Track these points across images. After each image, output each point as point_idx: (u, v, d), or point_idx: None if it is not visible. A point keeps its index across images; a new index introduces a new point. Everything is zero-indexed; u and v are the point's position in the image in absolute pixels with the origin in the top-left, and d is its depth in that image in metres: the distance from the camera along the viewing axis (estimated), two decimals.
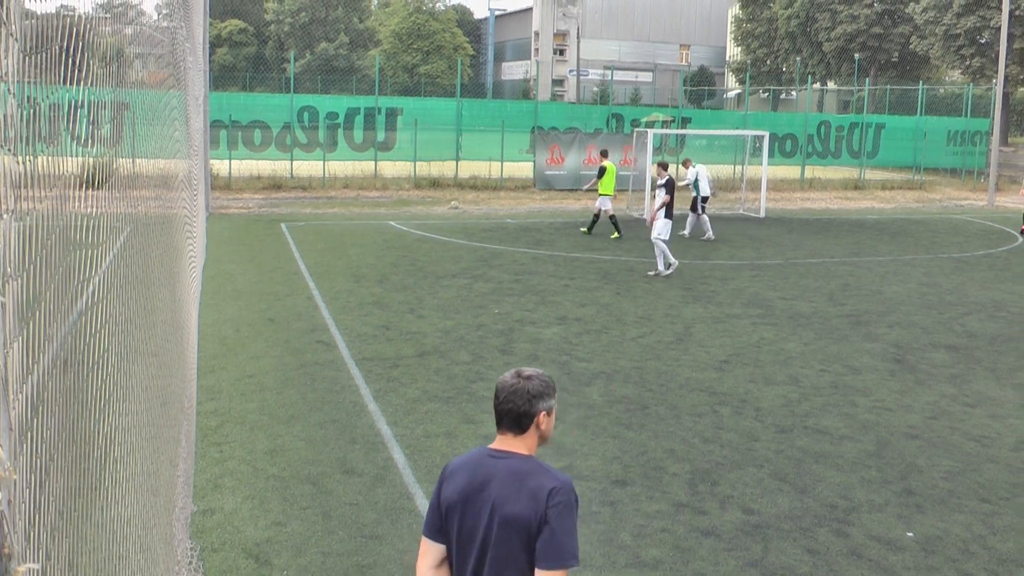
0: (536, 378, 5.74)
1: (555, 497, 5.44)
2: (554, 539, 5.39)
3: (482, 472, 5.66)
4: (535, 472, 5.57)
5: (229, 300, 22.38)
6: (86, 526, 4.60)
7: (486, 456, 5.74)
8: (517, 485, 5.53)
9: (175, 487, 8.80)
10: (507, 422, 5.71)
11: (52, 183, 3.79)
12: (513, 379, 5.73)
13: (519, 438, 5.72)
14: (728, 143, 55.12)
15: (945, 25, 76.41)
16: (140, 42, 8.63)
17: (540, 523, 5.42)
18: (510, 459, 5.66)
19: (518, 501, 5.48)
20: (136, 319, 6.35)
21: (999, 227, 42.80)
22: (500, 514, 5.50)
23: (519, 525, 5.45)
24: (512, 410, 5.68)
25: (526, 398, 5.67)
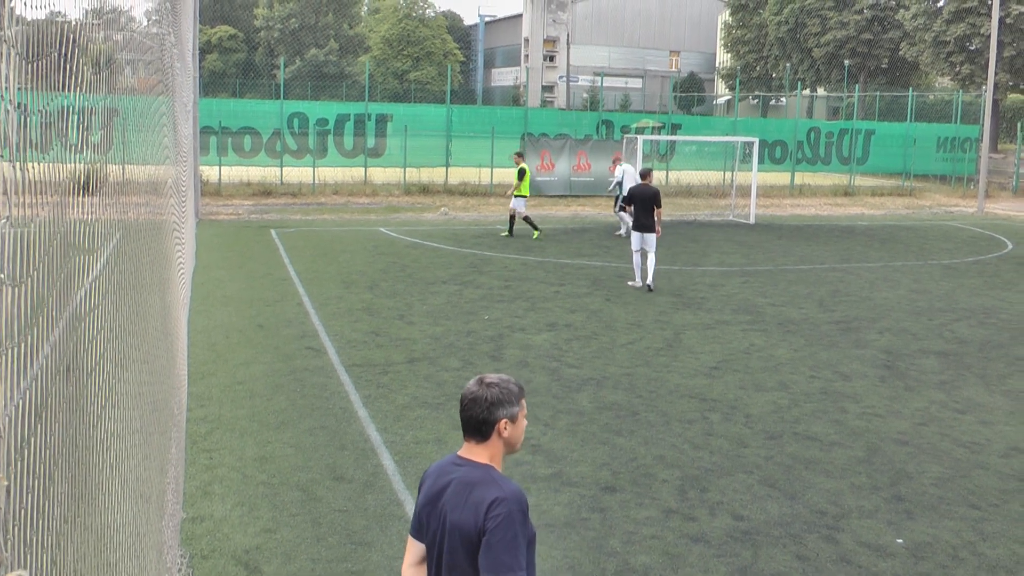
0: (498, 385, 5.74)
1: (495, 509, 5.43)
2: (491, 551, 5.38)
3: (443, 479, 5.72)
4: (483, 482, 5.57)
5: (219, 306, 22.37)
6: (87, 533, 4.61)
7: (449, 463, 5.80)
8: (465, 494, 5.56)
9: (165, 494, 8.79)
10: (469, 430, 5.74)
11: (49, 190, 3.79)
12: (475, 387, 5.74)
13: (481, 446, 5.73)
14: (718, 149, 55.15)
15: (935, 32, 76.52)
16: (130, 48, 8.63)
17: (479, 534, 5.43)
18: (466, 467, 5.69)
19: (463, 510, 5.51)
20: (128, 325, 6.35)
21: (989, 234, 42.88)
22: (449, 521, 5.56)
23: (463, 534, 5.49)
24: (472, 418, 5.70)
25: (485, 406, 5.68)
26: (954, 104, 67.89)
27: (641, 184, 27.12)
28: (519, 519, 5.46)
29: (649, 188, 26.66)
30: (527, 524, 5.53)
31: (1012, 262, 34.14)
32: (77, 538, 4.31)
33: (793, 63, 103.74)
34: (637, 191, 26.68)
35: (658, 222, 26.38)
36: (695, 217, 45.19)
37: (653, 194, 26.40)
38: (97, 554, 4.87)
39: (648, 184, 27.03)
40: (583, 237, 36.67)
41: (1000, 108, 79.62)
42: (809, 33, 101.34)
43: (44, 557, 3.67)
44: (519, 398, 5.79)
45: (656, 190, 26.72)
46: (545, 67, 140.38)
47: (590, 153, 51.20)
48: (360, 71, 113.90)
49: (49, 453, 3.73)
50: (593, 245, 34.58)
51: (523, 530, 5.46)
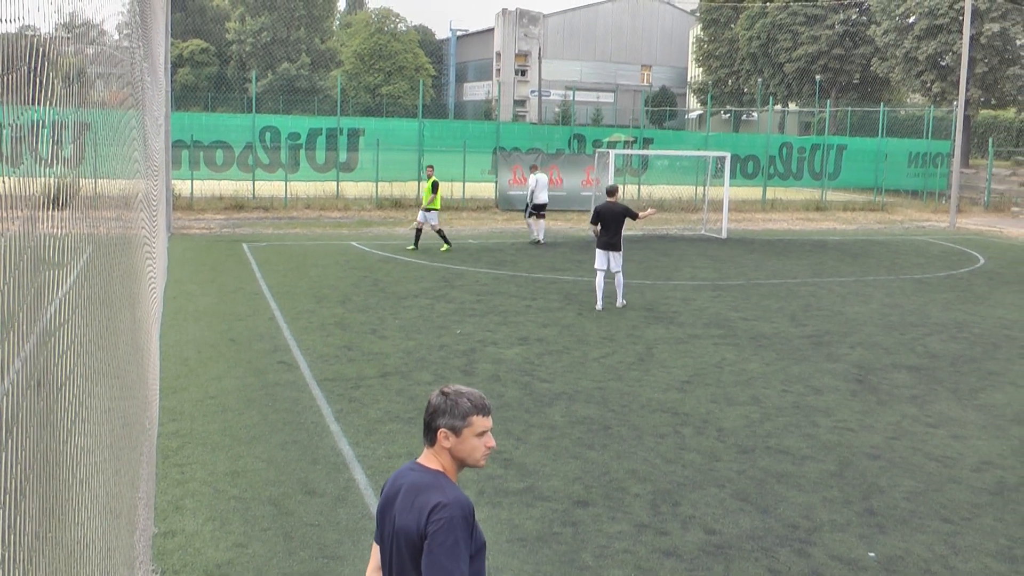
0: (449, 396, 5.78)
1: (436, 513, 5.48)
2: (431, 555, 5.43)
3: (396, 484, 5.81)
4: (430, 487, 5.62)
5: (191, 321, 22.32)
6: (58, 549, 4.59)
7: (405, 469, 5.88)
8: (412, 498, 5.63)
9: (136, 509, 8.76)
10: (424, 433, 5.84)
11: (20, 204, 3.78)
12: (436, 396, 5.82)
13: (431, 452, 5.80)
14: (690, 164, 55.25)
15: (906, 48, 76.77)
16: (101, 62, 8.61)
17: (420, 538, 5.50)
18: (418, 472, 5.77)
19: (409, 514, 5.58)
20: (98, 340, 6.32)
21: (960, 248, 43.05)
22: (396, 525, 5.65)
23: (407, 538, 5.57)
24: (424, 421, 5.82)
25: (430, 411, 5.78)
26: (925, 120, 68.20)
27: (608, 202, 26.10)
28: (460, 525, 5.48)
29: (616, 205, 25.90)
30: (472, 531, 5.57)
31: (984, 276, 34.26)
32: (48, 554, 4.29)
33: (765, 78, 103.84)
34: (604, 209, 25.81)
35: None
36: (667, 231, 45.27)
37: (621, 211, 25.69)
38: (68, 570, 4.85)
39: (615, 201, 26.13)
40: (555, 251, 36.72)
41: (971, 124, 79.91)
42: (780, 48, 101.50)
43: (15, 573, 3.65)
44: (468, 414, 5.75)
45: (624, 207, 25.98)
46: (517, 81, 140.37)
47: (561, 168, 51.26)
48: (332, 85, 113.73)
49: (20, 468, 3.71)
50: (565, 259, 34.61)
51: (464, 536, 5.48)
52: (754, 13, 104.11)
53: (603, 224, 25.65)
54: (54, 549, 4.43)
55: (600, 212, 25.81)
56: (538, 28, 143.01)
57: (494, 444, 5.89)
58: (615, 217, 25.57)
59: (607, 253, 25.64)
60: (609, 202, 26.00)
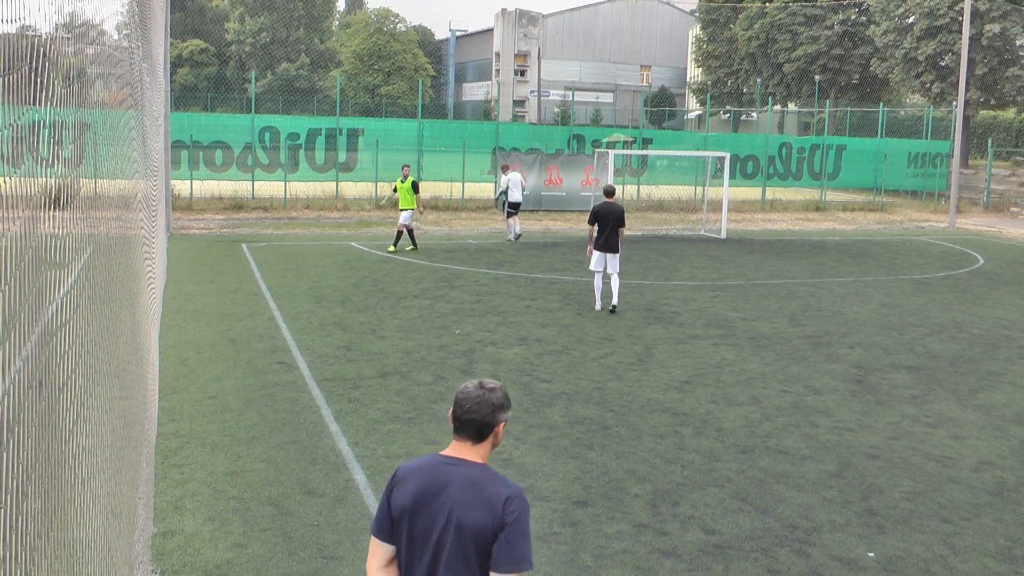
0: (498, 390, 5.98)
1: (511, 505, 5.68)
2: (510, 545, 5.62)
3: (438, 478, 5.85)
4: (491, 481, 5.79)
5: (190, 321, 22.31)
6: (60, 548, 4.59)
7: (441, 463, 5.92)
8: (475, 493, 5.73)
9: (136, 509, 8.75)
10: (469, 431, 5.91)
11: (20, 204, 3.78)
12: (477, 390, 5.93)
13: (475, 447, 5.93)
14: (689, 164, 55.27)
15: (905, 49, 76.71)
16: (101, 62, 8.60)
17: (496, 530, 5.64)
18: (466, 467, 5.86)
19: (476, 509, 5.69)
20: (98, 340, 6.33)
21: (960, 249, 43.05)
22: (456, 520, 5.70)
23: (476, 531, 5.67)
24: (476, 420, 5.87)
25: (490, 409, 5.89)
26: (925, 120, 68.18)
27: (606, 202, 25.44)
28: (528, 515, 5.76)
29: (615, 206, 25.26)
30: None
31: (983, 277, 34.26)
32: (51, 553, 4.29)
33: (764, 78, 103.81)
34: (602, 209, 25.17)
35: (620, 240, 25.22)
36: (666, 231, 45.27)
37: (619, 213, 25.08)
38: (70, 570, 4.85)
39: (613, 202, 25.49)
40: (555, 252, 36.71)
41: (971, 124, 79.89)
42: (780, 48, 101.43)
43: (18, 573, 3.65)
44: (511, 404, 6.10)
45: (622, 209, 25.37)
46: (516, 82, 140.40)
47: (561, 168, 51.25)
48: (331, 85, 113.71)
49: (22, 468, 3.71)
50: (564, 260, 34.59)
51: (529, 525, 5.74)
52: (753, 13, 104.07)
53: (600, 225, 25.15)
54: (56, 549, 4.44)
55: (598, 213, 25.26)
56: (537, 28, 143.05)
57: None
58: (613, 218, 25.00)
59: (604, 255, 25.22)
60: (607, 203, 25.40)
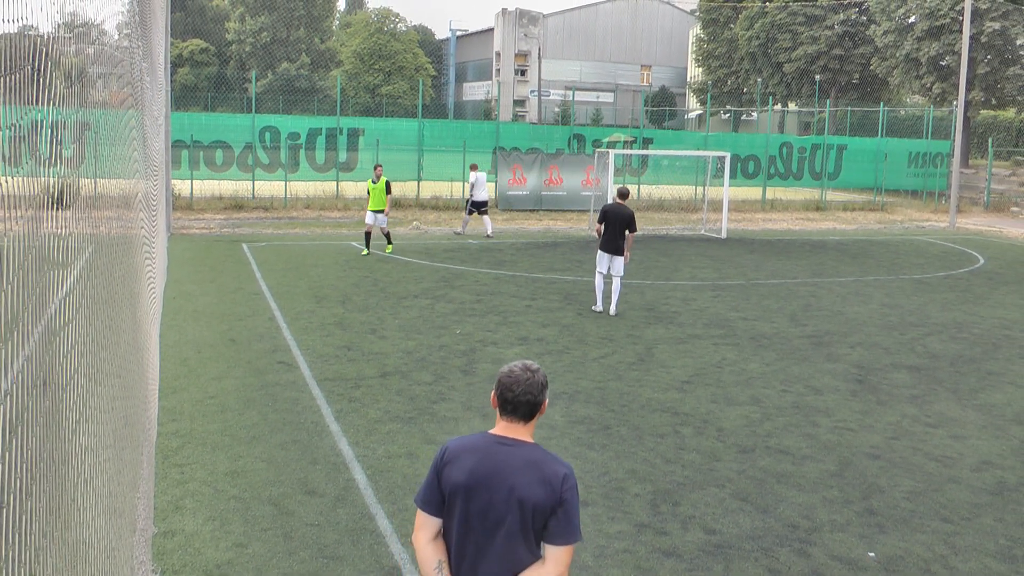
0: (540, 371, 6.30)
1: (568, 482, 6.09)
2: (567, 519, 6.04)
3: (494, 458, 6.16)
4: (548, 461, 6.17)
5: (190, 321, 22.30)
6: (63, 548, 4.59)
7: (494, 443, 6.23)
8: (535, 472, 6.07)
9: (136, 509, 8.75)
10: (521, 411, 6.21)
11: (23, 204, 3.78)
12: (525, 372, 6.23)
13: (526, 426, 6.26)
14: (690, 164, 55.29)
15: (906, 49, 76.70)
16: (101, 62, 8.60)
17: (555, 505, 6.02)
18: (522, 447, 6.20)
19: (538, 487, 6.03)
20: (100, 340, 6.33)
21: (960, 248, 43.06)
22: (518, 497, 6.03)
23: (536, 507, 6.01)
24: (529, 400, 6.18)
25: (539, 388, 6.22)
26: (925, 120, 68.17)
27: (616, 203, 24.84)
28: (578, 491, 6.18)
29: (624, 209, 24.58)
30: None
31: (983, 277, 34.26)
32: (55, 553, 4.30)
33: (764, 78, 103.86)
34: (611, 210, 24.59)
35: (628, 247, 24.62)
36: (667, 231, 45.27)
37: (627, 216, 24.48)
38: (72, 569, 4.85)
39: (624, 204, 24.80)
40: (555, 251, 36.70)
41: (971, 124, 79.90)
42: (780, 48, 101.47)
43: (23, 572, 3.65)
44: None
45: (631, 212, 24.69)
46: (517, 81, 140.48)
47: (561, 167, 51.27)
48: (332, 85, 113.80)
49: (27, 468, 3.71)
50: (565, 259, 34.59)
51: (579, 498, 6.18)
52: (754, 13, 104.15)
53: (607, 225, 24.64)
54: (60, 548, 4.44)
55: (607, 213, 24.73)
56: (538, 28, 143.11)
57: None
58: (621, 220, 24.50)
59: (609, 256, 24.73)
60: (618, 204, 24.87)
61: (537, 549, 6.12)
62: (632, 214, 24.74)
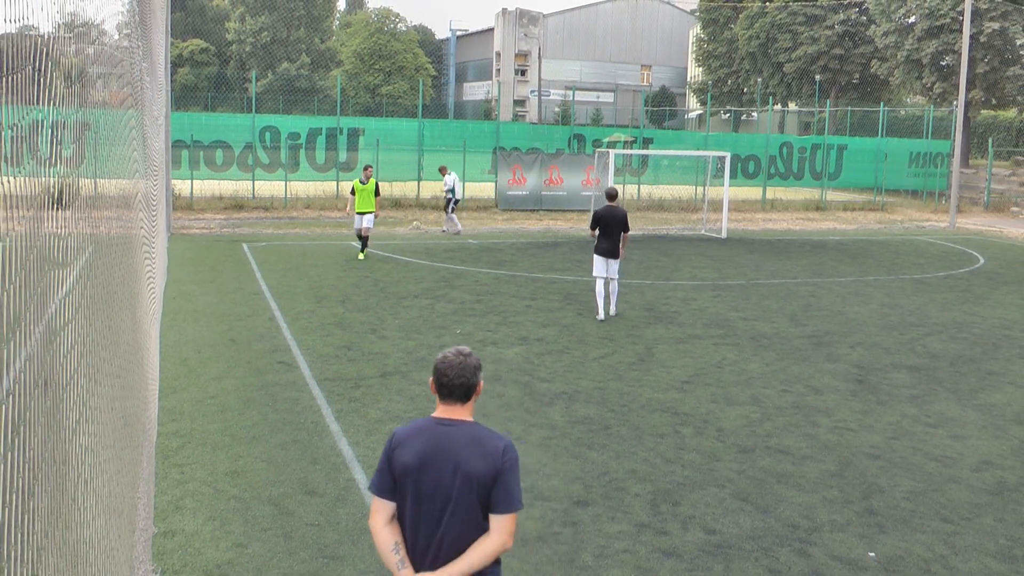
0: (473, 355, 6.80)
1: (507, 454, 6.61)
2: (507, 489, 6.55)
3: (438, 439, 6.68)
4: (488, 436, 6.69)
5: (190, 321, 22.31)
6: (64, 548, 4.59)
7: (437, 425, 6.76)
8: (477, 448, 6.59)
9: (136, 509, 8.76)
10: (458, 394, 6.72)
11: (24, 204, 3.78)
12: (458, 357, 6.73)
13: (464, 407, 6.78)
14: (690, 164, 55.26)
15: (907, 50, 76.68)
16: (101, 62, 8.60)
17: (496, 476, 6.53)
18: (463, 426, 6.71)
19: (480, 460, 6.54)
20: (100, 339, 6.33)
21: (960, 248, 43.06)
22: (463, 472, 6.53)
23: (480, 481, 6.52)
24: (464, 383, 6.70)
25: (472, 371, 6.72)
26: (925, 120, 68.18)
27: (608, 205, 24.38)
28: (518, 462, 6.70)
29: (617, 210, 24.21)
30: None
31: (983, 276, 34.26)
32: (56, 553, 4.30)
33: (764, 78, 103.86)
34: (604, 213, 24.13)
35: (623, 245, 24.17)
36: (667, 231, 45.28)
37: (621, 217, 24.04)
38: (73, 569, 4.85)
39: (615, 206, 24.39)
40: (555, 251, 36.71)
41: (971, 124, 79.89)
42: (780, 48, 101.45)
43: (25, 572, 3.65)
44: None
45: (624, 213, 24.31)
46: (517, 81, 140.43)
47: (562, 167, 51.27)
48: (332, 85, 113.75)
49: (28, 468, 3.71)
50: (565, 259, 34.59)
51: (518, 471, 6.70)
52: (754, 13, 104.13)
53: (602, 229, 24.13)
54: (61, 548, 4.44)
55: (600, 216, 24.23)
56: (538, 28, 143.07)
57: None
58: (616, 222, 24.01)
59: (606, 260, 24.23)
60: (609, 206, 24.35)
61: (485, 522, 6.58)
62: (625, 214, 24.37)
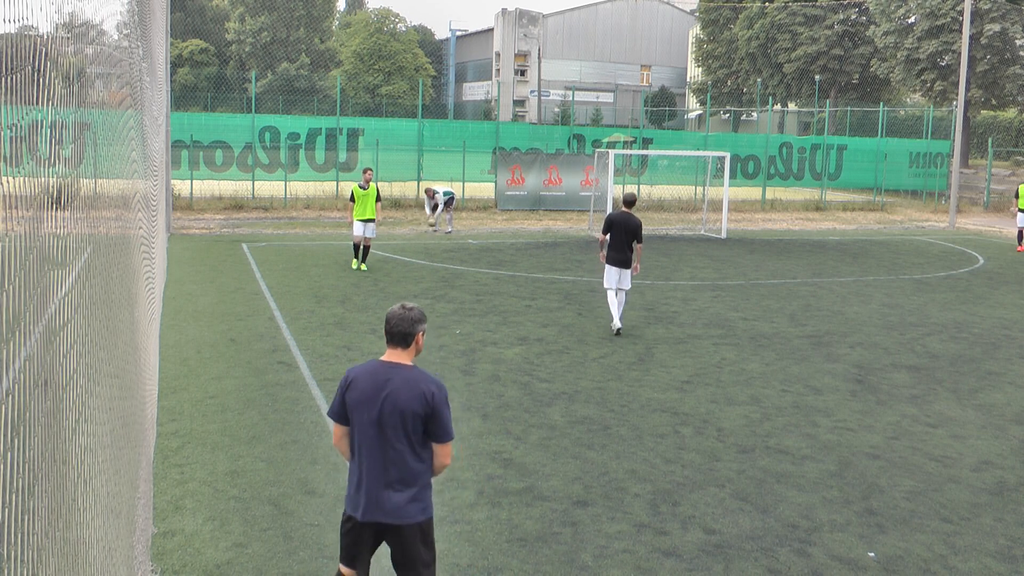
0: (416, 309, 8.40)
1: (437, 396, 8.12)
2: (440, 424, 8.16)
3: (380, 378, 8.21)
4: (422, 379, 8.20)
5: (190, 321, 22.30)
6: (65, 547, 4.59)
7: (382, 367, 8.28)
8: (413, 389, 8.11)
9: (135, 509, 8.75)
10: (397, 340, 8.30)
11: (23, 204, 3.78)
12: (401, 310, 8.33)
13: (405, 352, 8.35)
14: (690, 164, 55.23)
15: (907, 50, 76.72)
16: (100, 61, 8.60)
17: (429, 414, 8.09)
18: (403, 369, 8.25)
19: (414, 400, 8.07)
20: (99, 340, 6.33)
21: (960, 248, 43.05)
22: (400, 409, 8.07)
23: (413, 415, 8.08)
24: (404, 331, 8.28)
25: (411, 322, 8.30)
26: (925, 120, 68.16)
27: (622, 212, 22.79)
28: (447, 400, 8.22)
29: (631, 218, 22.51)
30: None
31: (983, 277, 34.26)
32: (57, 553, 4.29)
33: (764, 78, 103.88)
34: (618, 219, 22.55)
35: (637, 258, 22.54)
36: (667, 231, 45.26)
37: (635, 226, 22.41)
38: (73, 569, 4.85)
39: (630, 213, 22.69)
40: (554, 251, 36.69)
41: (971, 124, 79.91)
42: (780, 48, 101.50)
43: (25, 572, 3.65)
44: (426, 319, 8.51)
45: (639, 222, 22.60)
46: (516, 81, 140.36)
47: (561, 168, 51.23)
48: (332, 85, 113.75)
49: (28, 468, 3.71)
50: (564, 259, 34.58)
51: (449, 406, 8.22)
52: (753, 13, 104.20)
53: (613, 236, 22.66)
54: (61, 548, 4.44)
55: (613, 222, 22.67)
56: (538, 28, 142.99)
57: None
58: (629, 231, 22.47)
59: (618, 270, 22.64)
60: (624, 212, 22.77)
61: (420, 449, 8.17)
62: (640, 224, 22.73)
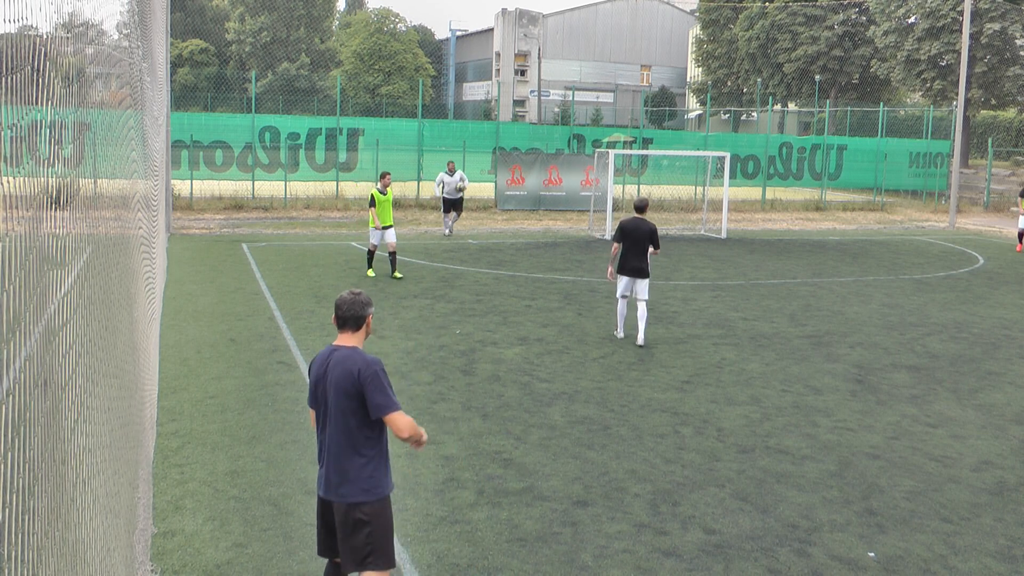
0: (363, 294, 8.97)
1: (363, 372, 8.55)
2: (372, 399, 8.53)
3: (326, 360, 8.83)
4: (354, 358, 8.66)
5: (190, 321, 22.29)
6: (64, 547, 4.59)
7: (331, 351, 8.87)
8: (345, 367, 8.63)
9: (135, 509, 8.76)
10: (350, 323, 8.87)
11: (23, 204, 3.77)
12: (351, 295, 8.92)
13: (354, 335, 8.91)
14: (690, 164, 55.18)
15: (907, 50, 76.72)
16: (100, 62, 8.61)
17: (360, 389, 8.55)
18: (343, 350, 8.79)
19: (344, 378, 8.60)
20: (98, 340, 6.33)
21: (960, 248, 43.03)
22: (335, 386, 8.65)
23: (346, 392, 8.59)
24: (354, 314, 8.86)
25: (360, 306, 8.89)
26: (925, 120, 68.15)
27: (635, 217, 21.87)
28: (380, 373, 8.63)
29: (645, 224, 21.60)
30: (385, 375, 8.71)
31: (983, 277, 34.24)
32: (56, 553, 4.29)
33: (764, 78, 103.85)
34: (630, 226, 21.60)
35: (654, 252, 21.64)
36: (667, 231, 45.23)
37: (649, 231, 21.52)
38: (72, 569, 4.85)
39: (643, 219, 21.78)
40: (554, 251, 36.67)
41: (971, 124, 79.90)
42: (780, 48, 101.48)
43: (25, 572, 3.65)
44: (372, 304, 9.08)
45: (653, 227, 21.68)
46: (516, 81, 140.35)
47: (561, 167, 51.21)
48: (332, 85, 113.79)
49: (28, 468, 3.71)
50: (564, 259, 34.57)
51: (386, 379, 8.65)
52: (753, 14, 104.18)
53: (626, 244, 21.75)
54: (61, 548, 4.44)
55: (625, 229, 21.70)
56: (538, 28, 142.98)
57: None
58: (643, 237, 21.59)
59: (633, 280, 21.80)
60: (637, 218, 21.84)
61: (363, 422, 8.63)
62: (654, 228, 21.77)
